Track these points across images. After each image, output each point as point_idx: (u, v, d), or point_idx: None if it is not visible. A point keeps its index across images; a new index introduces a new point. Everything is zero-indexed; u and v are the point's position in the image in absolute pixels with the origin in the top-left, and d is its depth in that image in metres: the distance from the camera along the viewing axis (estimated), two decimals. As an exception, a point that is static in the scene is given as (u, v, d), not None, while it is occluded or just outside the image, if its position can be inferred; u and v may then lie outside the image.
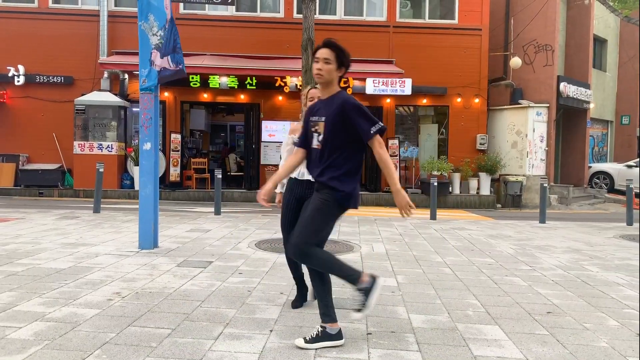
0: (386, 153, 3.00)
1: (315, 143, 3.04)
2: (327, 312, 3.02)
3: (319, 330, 3.00)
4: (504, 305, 3.98)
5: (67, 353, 2.76)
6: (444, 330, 3.34)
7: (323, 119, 2.99)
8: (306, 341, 2.96)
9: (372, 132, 2.91)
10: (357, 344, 3.05)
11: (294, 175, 3.63)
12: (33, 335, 2.99)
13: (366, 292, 2.92)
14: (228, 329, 3.23)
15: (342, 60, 3.02)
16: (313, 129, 3.05)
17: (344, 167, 2.97)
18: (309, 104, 3.65)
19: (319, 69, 2.99)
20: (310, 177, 3.50)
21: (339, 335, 3.01)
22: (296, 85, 14.12)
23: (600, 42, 19.30)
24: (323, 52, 3.00)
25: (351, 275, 2.95)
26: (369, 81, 13.96)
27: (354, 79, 14.18)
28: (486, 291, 4.40)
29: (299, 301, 3.79)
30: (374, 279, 2.97)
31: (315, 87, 3.69)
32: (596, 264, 5.78)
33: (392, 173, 3.00)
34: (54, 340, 2.94)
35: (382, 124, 2.97)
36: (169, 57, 5.64)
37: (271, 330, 3.23)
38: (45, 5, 14.45)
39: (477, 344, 3.11)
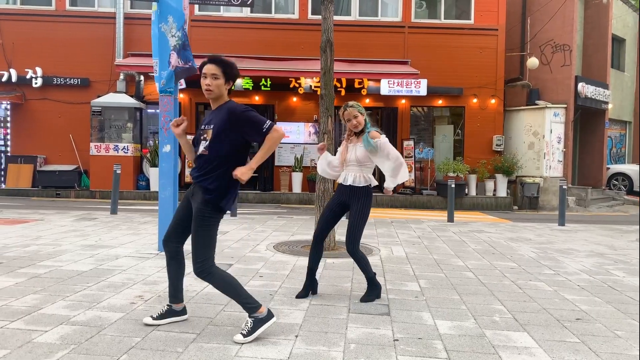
0: (273, 142, 3.05)
1: (201, 149, 3.10)
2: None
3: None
4: (531, 311, 3.91)
5: (94, 358, 2.75)
6: (472, 337, 3.28)
7: (212, 126, 3.08)
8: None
9: (265, 128, 3.01)
10: (384, 350, 3.00)
11: (339, 180, 4.05)
12: (59, 339, 2.99)
13: (257, 321, 3.09)
14: (253, 334, 3.19)
15: (230, 74, 3.10)
16: (202, 137, 3.13)
17: (224, 178, 3.06)
18: (349, 124, 4.04)
19: (208, 84, 3.06)
20: (351, 183, 3.96)
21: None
22: (311, 86, 14.08)
23: (618, 41, 18.99)
24: (211, 69, 3.06)
25: (249, 303, 3.12)
26: (384, 82, 13.87)
27: (368, 79, 14.11)
28: (511, 296, 4.32)
29: (304, 291, 4.09)
30: (270, 314, 3.16)
31: (348, 108, 3.99)
32: (621, 269, 5.66)
33: (259, 158, 3.08)
34: (80, 344, 2.93)
35: (270, 122, 3.07)
36: (179, 55, 5.64)
37: (296, 336, 3.20)
38: (62, 7, 14.58)
39: (507, 352, 3.05)
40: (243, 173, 3.04)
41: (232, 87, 3.20)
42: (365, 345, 3.08)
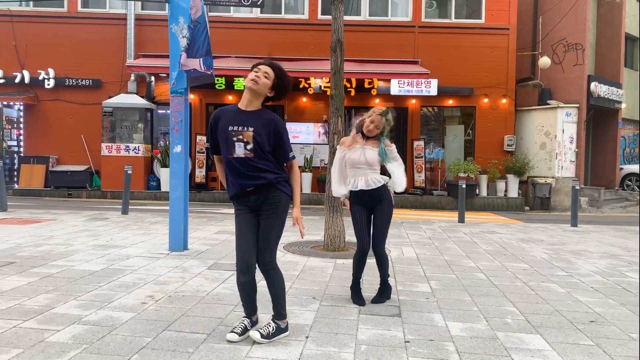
0: (298, 175, 3.23)
1: (241, 152, 3.01)
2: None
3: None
4: (544, 313, 3.86)
5: (106, 357, 2.76)
6: (484, 339, 3.25)
7: (251, 129, 3.00)
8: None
9: (290, 155, 3.14)
10: (395, 352, 2.98)
11: (359, 187, 3.89)
12: (71, 339, 3.00)
13: (278, 329, 3.13)
14: (263, 335, 3.19)
15: (280, 85, 3.06)
16: (235, 138, 3.01)
17: (277, 171, 3.11)
18: (368, 122, 3.88)
19: (257, 77, 3.01)
20: (363, 187, 3.88)
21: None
22: (320, 86, 14.08)
23: (632, 40, 18.75)
24: (266, 68, 3.04)
25: (283, 309, 3.18)
26: (394, 82, 13.82)
27: (378, 79, 14.07)
28: (523, 298, 4.28)
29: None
30: (287, 327, 3.21)
31: (380, 114, 3.86)
32: (636, 270, 5.58)
33: (299, 192, 3.22)
34: (92, 344, 2.94)
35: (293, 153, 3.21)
36: (201, 59, 5.65)
37: (307, 337, 3.19)
38: (74, 9, 14.71)
39: (520, 354, 3.01)
40: (298, 217, 3.20)
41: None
42: (376, 346, 3.06)
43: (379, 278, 4.10)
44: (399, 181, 3.99)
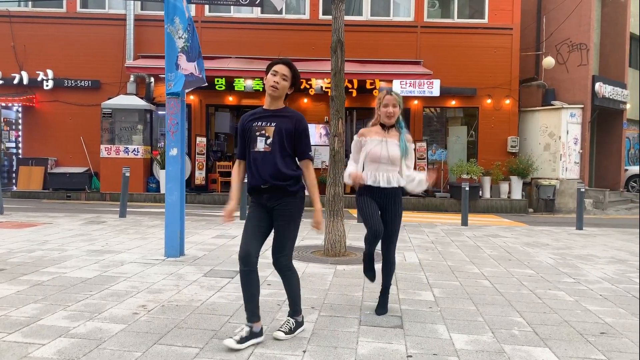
0: (314, 176, 3.24)
1: (262, 146, 3.09)
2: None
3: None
4: (552, 323, 3.70)
5: (90, 375, 2.61)
6: (490, 353, 3.09)
7: (274, 124, 3.10)
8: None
9: (309, 154, 3.21)
10: (397, 368, 2.83)
11: (380, 184, 3.64)
12: (56, 354, 2.86)
13: (297, 324, 3.28)
14: (259, 349, 3.04)
15: (295, 81, 3.21)
16: (258, 133, 3.10)
17: (295, 171, 3.16)
18: (384, 110, 3.65)
19: (277, 82, 3.11)
20: (386, 185, 3.65)
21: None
22: (322, 87, 13.94)
23: (636, 40, 18.53)
24: (283, 69, 3.14)
25: (299, 306, 3.31)
26: (396, 82, 13.66)
27: (380, 80, 13.92)
28: (530, 307, 4.12)
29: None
30: (303, 320, 3.37)
31: (392, 93, 3.70)
32: (645, 277, 5.41)
33: (317, 194, 3.21)
34: (77, 359, 2.79)
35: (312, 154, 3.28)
36: (195, 63, 5.50)
37: (304, 351, 3.04)
38: (73, 10, 14.61)
39: (529, 371, 2.85)
40: (319, 222, 3.21)
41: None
42: (377, 362, 2.91)
43: (381, 285, 3.92)
44: (418, 178, 3.72)
